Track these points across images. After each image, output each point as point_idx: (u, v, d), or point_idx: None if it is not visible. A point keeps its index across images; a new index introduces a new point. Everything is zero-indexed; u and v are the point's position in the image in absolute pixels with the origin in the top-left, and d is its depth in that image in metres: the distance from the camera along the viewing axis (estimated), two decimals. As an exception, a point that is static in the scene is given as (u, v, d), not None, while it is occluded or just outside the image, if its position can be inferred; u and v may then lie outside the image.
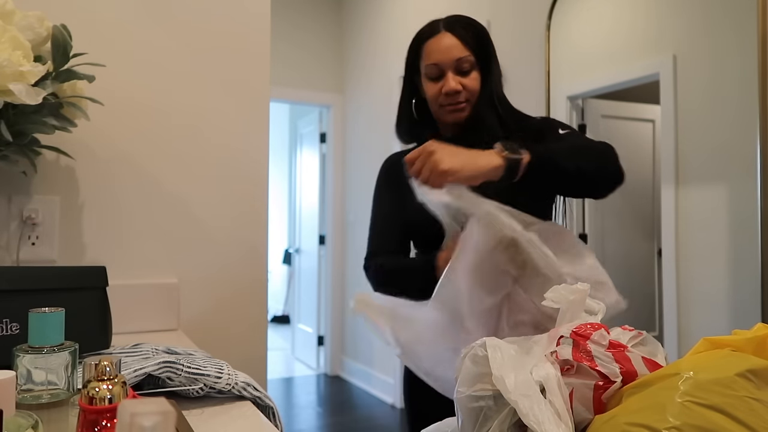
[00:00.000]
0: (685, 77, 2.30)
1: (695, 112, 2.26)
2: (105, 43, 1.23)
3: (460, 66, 1.14)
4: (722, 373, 0.50)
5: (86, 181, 1.22)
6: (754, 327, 0.58)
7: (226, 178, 1.35)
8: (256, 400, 0.78)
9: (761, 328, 0.57)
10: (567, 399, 0.54)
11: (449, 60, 1.14)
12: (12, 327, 0.74)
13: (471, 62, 1.15)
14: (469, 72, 1.15)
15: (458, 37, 1.14)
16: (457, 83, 1.14)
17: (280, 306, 6.83)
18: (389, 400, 3.84)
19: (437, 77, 1.15)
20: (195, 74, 1.33)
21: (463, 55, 1.14)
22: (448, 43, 1.14)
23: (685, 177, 2.29)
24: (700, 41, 2.25)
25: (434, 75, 1.15)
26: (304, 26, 4.50)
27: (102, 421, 0.47)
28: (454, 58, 1.13)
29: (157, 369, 0.74)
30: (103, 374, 0.48)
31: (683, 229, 2.29)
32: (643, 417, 0.49)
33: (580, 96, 2.83)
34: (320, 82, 4.58)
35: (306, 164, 5.13)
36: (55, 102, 1.01)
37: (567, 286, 0.64)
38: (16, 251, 1.14)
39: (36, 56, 0.95)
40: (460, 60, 1.14)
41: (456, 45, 1.14)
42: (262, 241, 1.38)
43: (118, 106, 1.24)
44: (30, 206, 1.16)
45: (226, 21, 1.36)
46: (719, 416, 0.47)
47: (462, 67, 1.14)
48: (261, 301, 1.38)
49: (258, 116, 1.39)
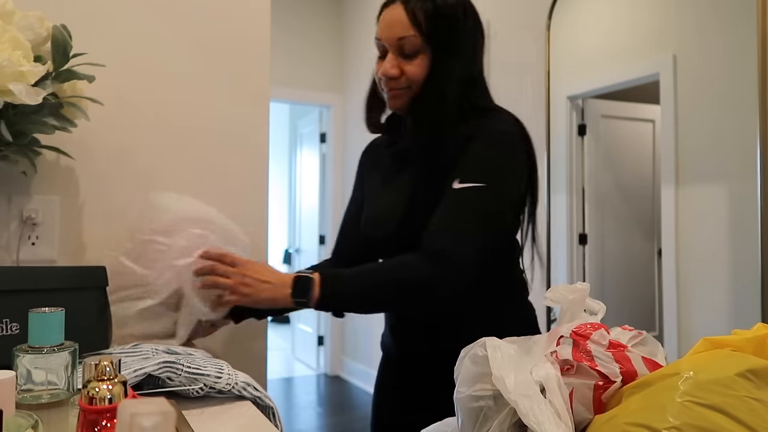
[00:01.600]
0: (685, 77, 2.30)
1: (695, 112, 2.26)
2: (105, 43, 1.23)
3: (402, 47, 0.96)
4: (722, 373, 0.50)
5: (86, 181, 1.22)
6: (754, 327, 0.58)
7: (226, 178, 1.35)
8: (256, 400, 0.78)
9: (761, 327, 0.57)
10: (567, 399, 0.54)
11: (390, 38, 0.96)
12: (12, 327, 0.74)
13: (415, 45, 0.95)
14: (412, 56, 0.97)
15: (407, 11, 0.95)
16: (393, 67, 0.97)
17: (280, 306, 6.81)
18: (389, 400, 3.83)
19: (381, 55, 1.00)
20: (195, 74, 1.33)
21: (407, 34, 0.95)
22: (394, 18, 0.96)
23: (685, 177, 2.29)
24: (700, 41, 2.25)
25: (379, 52, 1.00)
26: (304, 26, 4.50)
27: (102, 421, 0.47)
28: (395, 36, 0.96)
29: (157, 369, 0.74)
30: (103, 374, 0.48)
31: (683, 229, 2.29)
32: (643, 417, 0.49)
33: (580, 96, 2.83)
34: (320, 82, 4.58)
35: (306, 164, 5.13)
36: (55, 102, 1.01)
37: (567, 285, 0.64)
38: (16, 251, 1.14)
39: (36, 56, 0.95)
40: (402, 39, 0.95)
41: (401, 21, 0.95)
42: (262, 241, 1.38)
43: (118, 106, 1.24)
44: (30, 206, 1.16)
45: (226, 21, 1.36)
46: (719, 416, 0.47)
47: (405, 49, 0.96)
48: (261, 301, 1.38)
49: (258, 116, 1.39)
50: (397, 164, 1.08)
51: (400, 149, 1.08)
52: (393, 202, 1.03)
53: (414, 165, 1.03)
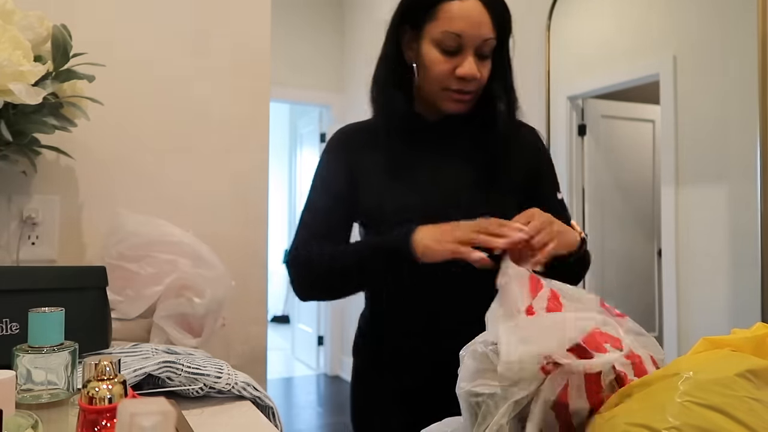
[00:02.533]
0: (685, 77, 2.30)
1: (695, 112, 2.26)
2: (105, 43, 1.23)
3: (482, 49, 0.92)
4: (722, 373, 0.50)
5: (86, 181, 1.22)
6: (753, 326, 0.58)
7: (227, 178, 1.35)
8: (256, 400, 0.78)
9: (761, 327, 0.57)
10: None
11: (477, 37, 0.91)
12: (12, 327, 0.74)
13: (492, 48, 0.94)
14: (487, 57, 0.94)
15: (489, 11, 0.91)
16: (476, 68, 0.92)
17: (280, 306, 6.83)
18: (389, 400, 3.83)
19: (452, 51, 0.92)
20: (195, 74, 1.33)
21: (491, 36, 0.92)
22: (481, 17, 0.90)
23: (685, 177, 2.29)
24: (700, 41, 2.25)
25: (450, 47, 0.91)
26: (305, 26, 4.50)
27: (102, 421, 0.47)
28: (482, 36, 0.91)
29: (157, 369, 0.74)
30: (103, 374, 0.48)
31: (683, 230, 2.29)
32: (643, 417, 0.49)
33: (580, 96, 2.83)
34: (320, 82, 4.58)
35: (306, 164, 5.13)
36: (55, 102, 1.01)
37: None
38: (16, 251, 1.14)
39: (36, 56, 0.95)
40: (485, 41, 0.92)
41: (486, 21, 0.91)
42: (262, 241, 1.38)
43: (118, 106, 1.24)
44: (30, 206, 1.16)
45: (226, 21, 1.36)
46: (719, 416, 0.47)
47: (483, 51, 0.93)
48: (261, 301, 1.38)
49: (258, 116, 1.39)
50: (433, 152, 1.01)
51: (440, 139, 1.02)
52: (450, 191, 0.98)
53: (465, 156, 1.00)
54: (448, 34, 0.90)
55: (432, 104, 0.99)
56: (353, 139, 1.06)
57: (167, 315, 1.00)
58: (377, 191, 1.00)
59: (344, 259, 0.94)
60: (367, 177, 1.01)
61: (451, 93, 0.95)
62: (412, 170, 1.00)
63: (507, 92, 0.99)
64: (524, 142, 1.04)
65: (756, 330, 0.57)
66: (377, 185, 1.00)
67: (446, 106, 0.97)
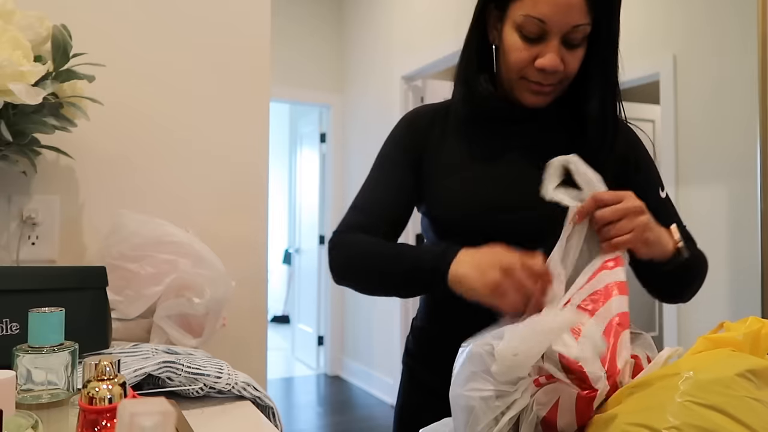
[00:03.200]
0: (685, 77, 2.30)
1: (695, 112, 2.26)
2: (105, 43, 1.23)
3: (572, 36, 0.81)
4: (722, 373, 0.50)
5: (86, 181, 1.22)
6: (747, 321, 0.58)
7: (226, 178, 1.35)
8: (256, 400, 0.78)
9: (754, 321, 0.57)
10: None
11: (563, 24, 0.80)
12: (12, 327, 0.74)
13: (584, 34, 0.82)
14: (577, 46, 0.83)
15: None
16: (559, 60, 0.82)
17: (280, 306, 6.83)
18: (389, 400, 3.83)
19: (535, 38, 0.82)
20: (195, 74, 1.33)
21: (583, 22, 0.80)
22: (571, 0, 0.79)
23: (685, 177, 2.29)
24: (700, 41, 2.25)
25: (532, 33, 0.81)
26: (305, 26, 4.50)
27: (102, 421, 0.47)
28: (571, 22, 0.80)
29: (157, 369, 0.74)
30: (103, 374, 0.48)
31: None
32: (643, 417, 0.49)
33: (580, 96, 2.82)
34: (320, 82, 4.58)
35: (306, 164, 5.13)
36: (55, 102, 1.01)
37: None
38: (16, 251, 1.14)
39: (36, 56, 0.95)
40: (576, 27, 0.80)
41: (579, 4, 0.79)
42: (262, 241, 1.38)
43: (119, 105, 1.24)
44: (30, 206, 1.16)
45: (226, 21, 1.36)
46: (719, 416, 0.47)
47: (572, 39, 0.81)
48: (261, 301, 1.38)
49: (258, 116, 1.39)
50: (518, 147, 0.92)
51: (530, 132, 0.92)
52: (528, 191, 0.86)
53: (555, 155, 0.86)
54: (530, 19, 0.80)
55: (512, 93, 0.90)
56: (427, 121, 0.97)
57: (167, 315, 1.00)
58: (446, 180, 0.91)
59: (385, 263, 0.86)
60: (436, 163, 0.93)
61: (529, 83, 0.85)
62: (488, 162, 0.91)
63: (604, 88, 0.87)
64: (623, 142, 0.93)
65: (750, 325, 0.57)
66: (447, 173, 0.92)
67: (523, 97, 0.88)
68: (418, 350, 1.01)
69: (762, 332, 0.56)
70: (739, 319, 0.59)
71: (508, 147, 0.92)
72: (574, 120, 0.91)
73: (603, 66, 0.87)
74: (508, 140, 0.92)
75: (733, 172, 2.09)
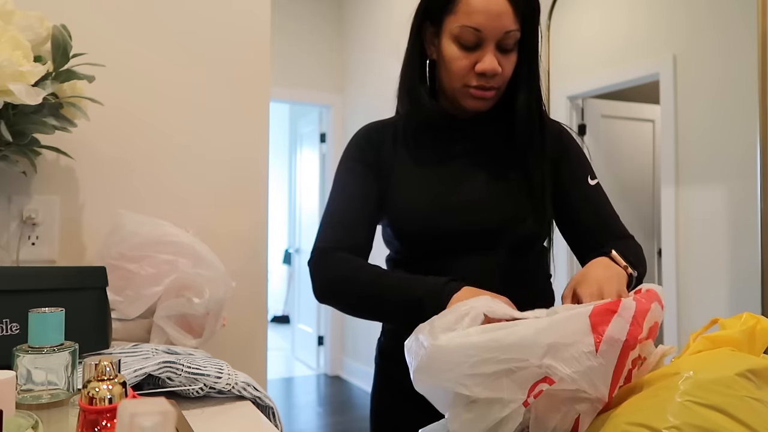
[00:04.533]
0: (685, 77, 2.30)
1: (695, 112, 2.26)
2: (105, 43, 1.23)
3: (504, 42, 0.88)
4: (722, 372, 0.50)
5: (86, 181, 1.22)
6: (741, 317, 0.58)
7: (226, 178, 1.35)
8: (256, 400, 0.78)
9: (749, 318, 0.57)
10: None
11: (497, 30, 0.87)
12: (12, 327, 0.74)
13: (515, 39, 0.89)
14: (510, 51, 0.90)
15: (512, 1, 0.87)
16: (497, 63, 0.88)
17: (280, 306, 6.83)
18: (389, 400, 3.83)
19: (472, 46, 0.88)
20: (195, 74, 1.33)
21: (512, 28, 0.87)
22: (501, 8, 0.86)
23: (685, 177, 2.29)
24: (700, 41, 2.25)
25: (469, 42, 0.88)
26: (305, 26, 4.50)
27: (102, 421, 0.47)
28: (503, 29, 0.87)
29: (157, 369, 0.74)
30: (103, 374, 0.48)
31: (683, 229, 2.29)
32: (643, 416, 0.49)
33: (580, 96, 2.83)
34: (320, 82, 4.58)
35: (306, 164, 5.13)
36: (55, 102, 1.01)
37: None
38: (16, 251, 1.14)
39: (36, 56, 0.95)
40: (507, 33, 0.87)
41: (507, 12, 0.86)
42: (262, 240, 1.38)
43: (119, 106, 1.24)
44: (30, 206, 1.16)
45: (226, 21, 1.36)
46: (719, 416, 0.47)
47: (505, 44, 0.89)
48: (261, 301, 1.38)
49: (258, 116, 1.39)
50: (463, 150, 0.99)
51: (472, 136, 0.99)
52: (492, 192, 0.96)
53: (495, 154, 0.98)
54: (466, 29, 0.87)
55: (455, 102, 0.96)
56: (378, 137, 1.02)
57: (167, 315, 1.00)
58: (404, 190, 0.97)
59: (377, 290, 0.87)
60: (393, 176, 0.98)
61: (471, 90, 0.91)
62: (440, 168, 0.97)
63: (529, 87, 0.95)
64: (549, 135, 1.00)
65: (746, 321, 0.57)
66: (404, 184, 0.97)
67: (467, 103, 0.93)
68: (390, 349, 1.04)
69: (757, 328, 0.56)
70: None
71: (454, 151, 0.99)
72: (504, 121, 0.97)
73: (528, 68, 0.94)
74: (454, 145, 0.99)
75: (733, 172, 2.09)
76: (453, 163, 0.98)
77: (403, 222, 0.96)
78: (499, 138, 0.98)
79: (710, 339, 0.57)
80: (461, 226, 0.93)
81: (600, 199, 1.00)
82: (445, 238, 0.94)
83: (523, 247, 0.96)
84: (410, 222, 0.95)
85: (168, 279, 1.00)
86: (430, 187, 0.96)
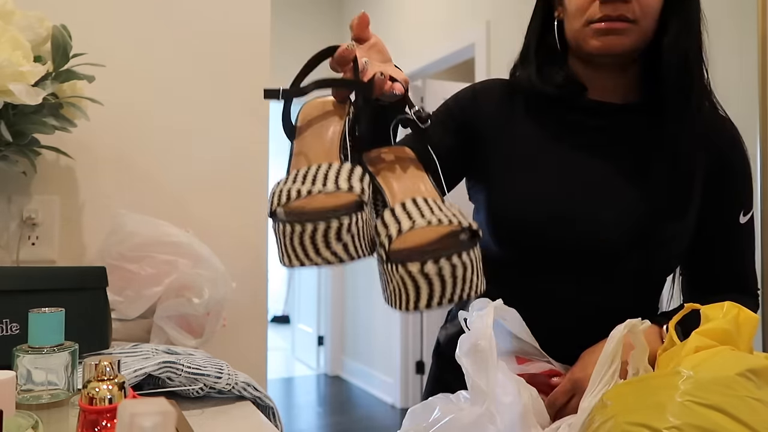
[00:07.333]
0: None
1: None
2: (105, 43, 1.23)
3: None
4: (722, 372, 0.50)
5: (86, 181, 1.22)
6: (723, 307, 0.58)
7: (227, 179, 1.35)
8: (256, 400, 0.78)
9: (731, 307, 0.57)
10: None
11: None
12: (12, 327, 0.74)
13: None
14: None
15: None
16: None
17: (280, 306, 6.83)
18: (389, 400, 3.83)
19: None
20: (195, 74, 1.33)
21: None
22: None
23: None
24: (700, 41, 2.25)
25: None
26: (305, 26, 4.50)
27: (102, 421, 0.47)
28: None
29: (157, 369, 0.73)
30: (103, 374, 0.48)
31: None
32: (643, 416, 0.49)
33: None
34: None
35: (306, 164, 5.13)
36: (55, 102, 1.01)
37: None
38: (16, 251, 1.14)
39: (36, 56, 0.95)
40: None
41: None
42: (262, 241, 1.38)
43: (118, 106, 1.24)
44: (30, 206, 1.16)
45: (226, 21, 1.36)
46: (720, 416, 0.47)
47: None
48: (261, 301, 1.38)
49: (258, 116, 1.39)
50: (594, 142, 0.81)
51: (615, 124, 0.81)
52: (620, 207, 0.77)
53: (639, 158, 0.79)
54: None
55: (582, 61, 0.81)
56: (497, 99, 0.86)
57: (167, 315, 1.00)
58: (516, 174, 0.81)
59: None
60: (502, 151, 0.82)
61: (595, 24, 0.74)
62: (564, 161, 0.80)
63: (687, 23, 0.78)
64: (714, 143, 0.81)
65: (728, 311, 0.57)
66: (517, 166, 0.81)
67: (591, 44, 0.75)
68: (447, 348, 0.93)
69: (740, 318, 0.56)
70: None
71: (584, 144, 0.81)
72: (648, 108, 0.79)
73: (682, 25, 0.77)
74: (583, 136, 0.81)
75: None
76: (583, 160, 0.80)
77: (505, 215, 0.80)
78: (643, 122, 0.81)
79: (704, 333, 0.57)
80: (576, 241, 0.77)
81: (745, 245, 0.83)
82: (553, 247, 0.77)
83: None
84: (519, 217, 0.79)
85: (168, 279, 1.00)
86: (549, 184, 0.79)
